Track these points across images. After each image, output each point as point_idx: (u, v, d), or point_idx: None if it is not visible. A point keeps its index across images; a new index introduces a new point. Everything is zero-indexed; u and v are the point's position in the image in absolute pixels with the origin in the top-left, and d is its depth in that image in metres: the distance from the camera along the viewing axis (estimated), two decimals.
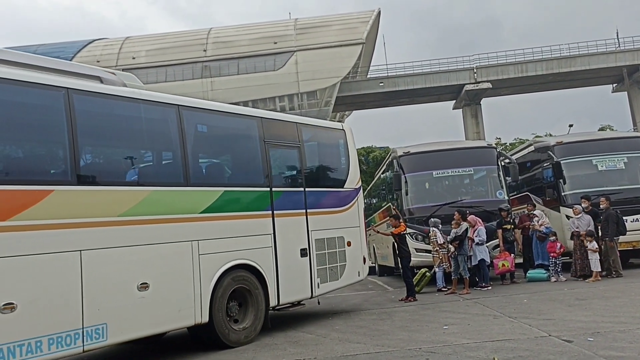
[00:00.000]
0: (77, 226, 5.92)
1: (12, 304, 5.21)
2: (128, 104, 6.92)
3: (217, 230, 7.50)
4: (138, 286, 6.36)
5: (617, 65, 51.98)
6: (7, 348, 5.11)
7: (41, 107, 6.13)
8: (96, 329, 5.88)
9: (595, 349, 5.75)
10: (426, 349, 6.37)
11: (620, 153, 13.82)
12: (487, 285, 11.57)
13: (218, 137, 8.47)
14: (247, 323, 7.82)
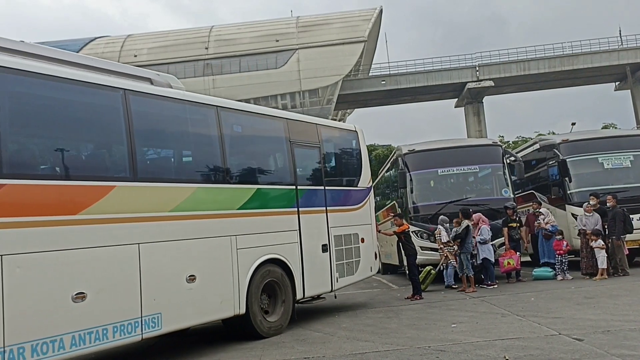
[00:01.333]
0: (136, 220, 6.26)
1: (83, 294, 5.53)
2: (176, 105, 7.28)
3: (251, 226, 7.89)
4: (187, 278, 6.73)
5: (620, 63, 51.99)
6: (78, 335, 5.44)
7: (102, 107, 6.42)
8: (152, 318, 6.22)
9: (607, 347, 5.70)
10: (435, 348, 6.33)
11: (626, 151, 13.74)
12: (493, 284, 11.53)
13: (251, 137, 8.76)
14: (277, 315, 8.24)
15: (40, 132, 5.83)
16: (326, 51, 52.77)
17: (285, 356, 6.56)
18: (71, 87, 5.99)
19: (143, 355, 7.48)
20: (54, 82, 5.84)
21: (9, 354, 4.84)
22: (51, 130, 5.91)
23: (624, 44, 53.31)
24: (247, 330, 7.72)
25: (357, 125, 11.28)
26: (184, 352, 7.28)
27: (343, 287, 9.97)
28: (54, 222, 5.45)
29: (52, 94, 5.93)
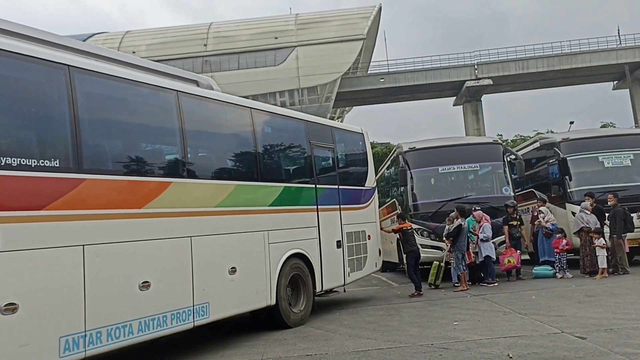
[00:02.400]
0: (188, 215, 6.68)
1: (147, 282, 5.92)
2: (218, 106, 7.76)
3: (280, 222, 8.39)
4: (229, 270, 7.22)
5: (618, 62, 52.06)
6: (143, 321, 5.84)
7: (159, 107, 6.82)
8: (202, 306, 6.66)
9: (610, 345, 5.70)
10: (438, 345, 6.32)
11: (626, 150, 13.76)
12: (493, 282, 11.53)
13: (278, 137, 9.15)
14: (301, 306, 8.74)
15: (111, 131, 6.18)
16: (325, 49, 52.68)
17: (288, 353, 6.55)
18: (137, 88, 6.43)
19: (148, 352, 7.45)
20: (123, 84, 6.22)
21: (89, 338, 5.24)
22: (119, 129, 6.26)
23: (622, 43, 53.38)
24: (276, 321, 8.18)
25: (360, 125, 11.57)
26: (187, 349, 7.26)
27: (353, 281, 10.49)
28: (124, 215, 5.84)
29: (121, 95, 6.31)
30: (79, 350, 5.16)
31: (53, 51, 5.63)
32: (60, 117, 5.42)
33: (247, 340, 7.57)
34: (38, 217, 4.97)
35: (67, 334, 5.05)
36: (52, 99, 5.45)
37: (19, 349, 4.65)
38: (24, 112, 5.21)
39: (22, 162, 4.89)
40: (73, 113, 5.44)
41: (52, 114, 5.42)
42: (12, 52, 5.07)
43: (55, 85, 5.46)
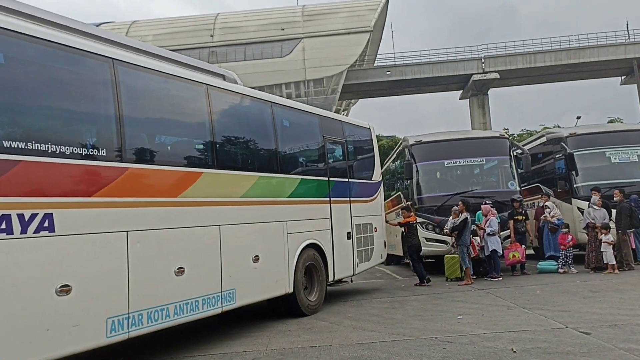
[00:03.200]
0: (217, 204, 6.95)
1: (182, 268, 6.17)
2: (243, 99, 8.04)
3: (297, 213, 8.65)
4: (253, 258, 7.50)
5: (626, 57, 51.59)
6: (179, 305, 6.09)
7: (190, 100, 7.04)
8: (229, 293, 6.93)
9: (615, 341, 5.70)
10: (442, 339, 6.34)
11: (634, 145, 13.70)
12: (498, 276, 11.54)
13: (295, 130, 9.32)
14: (315, 295, 9.06)
15: (149, 122, 6.35)
16: (331, 41, 52.49)
17: (292, 345, 6.58)
18: (172, 82, 6.67)
19: (154, 343, 7.49)
20: (161, 77, 6.47)
21: (132, 320, 5.49)
22: (157, 120, 6.48)
23: (630, 38, 52.94)
24: (293, 308, 8.48)
25: (365, 118, 11.82)
26: (192, 340, 7.31)
27: (361, 272, 10.83)
28: (161, 203, 6.09)
29: (159, 88, 6.54)
30: (124, 331, 5.41)
31: (99, 44, 5.82)
32: (106, 108, 5.64)
33: (251, 331, 7.61)
34: (88, 204, 5.21)
35: (113, 315, 5.31)
36: (99, 90, 5.66)
37: (72, 329, 4.90)
38: (75, 104, 5.40)
39: (75, 151, 5.12)
40: (117, 104, 5.67)
41: (99, 105, 5.64)
42: (69, 46, 5.31)
43: (101, 78, 5.66)
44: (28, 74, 5.02)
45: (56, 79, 5.26)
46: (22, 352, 4.49)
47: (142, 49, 6.78)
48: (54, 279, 4.80)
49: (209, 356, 6.31)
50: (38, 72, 5.11)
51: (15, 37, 4.82)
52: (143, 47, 6.89)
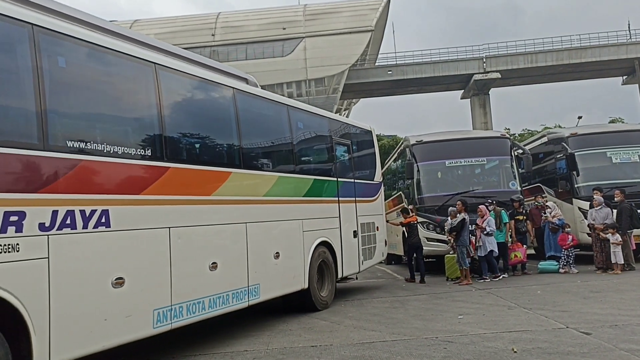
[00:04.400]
0: (243, 202, 7.28)
1: (215, 263, 6.51)
2: (264, 103, 8.37)
3: (311, 212, 8.98)
4: (274, 255, 7.84)
5: (628, 57, 51.61)
6: (212, 299, 6.42)
7: (219, 103, 7.37)
8: (254, 287, 7.27)
9: (615, 341, 5.70)
10: (443, 339, 6.34)
11: (635, 146, 13.69)
12: (498, 276, 11.52)
13: (307, 132, 9.57)
14: (326, 291, 9.38)
15: (186, 123, 6.62)
16: (333, 40, 52.48)
17: (293, 344, 6.60)
18: (206, 86, 7.04)
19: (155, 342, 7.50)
20: (196, 81, 6.84)
21: (173, 312, 5.80)
22: (192, 121, 6.76)
23: (632, 37, 52.88)
24: (307, 304, 8.81)
25: (367, 117, 12.05)
26: (194, 339, 7.32)
27: (365, 269, 11.21)
28: (197, 201, 6.40)
29: (194, 91, 6.92)
30: (167, 322, 5.73)
31: (141, 49, 6.17)
32: (151, 111, 5.95)
33: (252, 330, 7.62)
34: (137, 201, 5.50)
35: (158, 307, 5.62)
36: (145, 93, 5.97)
37: (125, 319, 5.20)
38: (125, 106, 5.74)
39: (125, 151, 5.42)
40: (160, 107, 5.98)
41: (145, 107, 5.95)
42: (120, 51, 5.63)
43: (146, 82, 5.96)
44: (85, 78, 5.31)
45: (109, 83, 5.59)
46: (85, 341, 4.77)
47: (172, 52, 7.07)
48: (110, 272, 5.09)
49: (210, 355, 6.32)
50: (93, 77, 5.42)
51: (74, 42, 5.09)
52: (172, 49, 7.18)
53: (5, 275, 4.14)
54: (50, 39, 4.84)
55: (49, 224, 4.53)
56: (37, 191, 4.49)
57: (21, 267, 4.27)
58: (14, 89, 4.54)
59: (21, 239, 4.28)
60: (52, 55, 4.86)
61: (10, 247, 4.20)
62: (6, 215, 4.18)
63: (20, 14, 4.63)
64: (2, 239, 4.14)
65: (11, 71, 4.56)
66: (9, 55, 4.54)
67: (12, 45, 4.57)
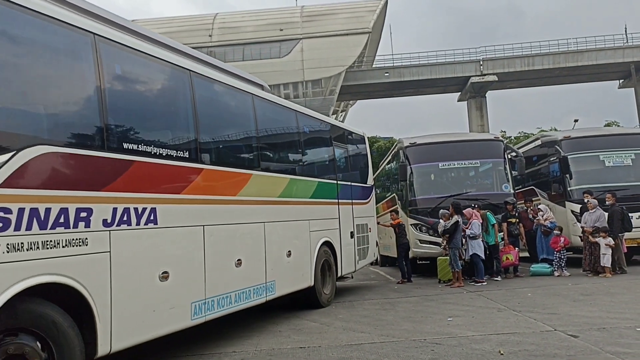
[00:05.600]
0: (262, 203, 7.69)
1: (240, 260, 6.88)
2: (278, 109, 8.82)
3: (316, 213, 9.42)
4: (287, 253, 8.26)
5: (624, 61, 51.75)
6: (237, 294, 6.79)
7: (244, 109, 7.75)
8: (271, 284, 7.67)
9: (602, 344, 5.72)
10: (431, 340, 6.36)
11: (628, 149, 13.74)
12: (482, 281, 11.39)
13: (312, 136, 10.03)
14: (328, 289, 9.81)
15: (215, 126, 6.97)
16: (330, 42, 52.51)
17: (282, 345, 6.60)
18: (232, 92, 7.45)
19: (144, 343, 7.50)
20: (223, 87, 7.24)
21: (207, 305, 6.16)
22: (220, 125, 7.14)
23: (629, 41, 53.07)
24: (311, 300, 9.24)
25: (364, 119, 12.56)
26: (183, 340, 7.31)
27: (360, 268, 11.72)
28: (225, 201, 6.78)
29: (221, 97, 7.30)
30: (202, 315, 6.07)
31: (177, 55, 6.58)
32: (187, 114, 6.32)
33: (242, 331, 7.62)
34: (178, 200, 5.88)
35: (196, 300, 5.98)
36: (182, 98, 6.35)
37: (169, 311, 5.56)
38: (166, 109, 6.15)
39: (169, 153, 5.79)
40: (195, 109, 6.36)
41: (182, 111, 6.32)
42: (164, 59, 6.05)
43: (183, 88, 6.35)
44: (135, 84, 5.72)
45: (153, 89, 6.01)
46: (138, 330, 5.16)
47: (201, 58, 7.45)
48: (157, 266, 5.44)
49: (199, 356, 6.32)
50: (141, 83, 5.84)
51: (127, 51, 5.47)
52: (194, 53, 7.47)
53: (77, 267, 4.49)
54: (109, 48, 5.19)
55: (110, 220, 4.89)
56: (100, 189, 4.83)
57: (89, 260, 4.63)
58: (83, 94, 4.92)
59: (89, 234, 4.64)
60: (110, 62, 5.20)
61: (81, 242, 4.55)
62: (77, 211, 4.54)
63: (85, 23, 5.00)
64: (74, 233, 4.49)
65: (79, 77, 4.91)
66: (76, 62, 4.92)
67: (78, 53, 4.93)
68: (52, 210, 4.31)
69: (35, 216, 4.16)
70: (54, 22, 4.61)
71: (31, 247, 4.11)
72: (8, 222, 3.95)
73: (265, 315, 8.63)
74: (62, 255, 4.36)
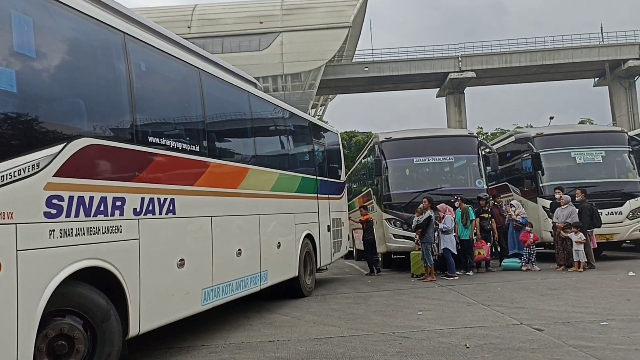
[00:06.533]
0: (257, 196, 8.07)
1: (240, 250, 7.30)
2: (269, 106, 9.22)
3: (300, 207, 9.85)
4: (277, 244, 8.67)
5: (600, 59, 52.50)
6: (237, 282, 7.19)
7: (242, 106, 8.17)
8: (264, 273, 8.08)
9: (565, 338, 5.83)
10: (400, 334, 6.41)
11: (598, 146, 13.98)
12: (453, 275, 11.50)
13: (296, 132, 10.45)
14: (310, 279, 10.30)
15: (219, 122, 7.34)
16: (310, 35, 52.31)
17: (251, 339, 6.60)
18: (231, 89, 7.79)
19: None
20: (226, 86, 7.63)
21: (214, 292, 6.54)
22: (223, 121, 7.55)
23: (604, 40, 53.88)
24: (296, 290, 9.66)
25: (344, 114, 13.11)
26: (150, 334, 7.25)
27: (334, 261, 12.33)
28: (227, 194, 7.16)
29: (225, 96, 7.69)
30: (210, 301, 6.46)
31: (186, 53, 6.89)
32: (197, 108, 6.70)
33: (211, 325, 7.58)
34: (192, 192, 6.24)
35: (205, 286, 6.36)
36: (194, 95, 6.74)
37: (184, 296, 5.94)
38: (182, 105, 6.54)
39: (184, 147, 6.13)
40: (204, 105, 6.77)
41: (194, 106, 6.68)
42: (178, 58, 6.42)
43: (193, 85, 6.71)
44: (156, 81, 6.10)
45: (169, 86, 6.41)
46: (161, 313, 5.53)
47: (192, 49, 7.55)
48: (175, 254, 5.82)
49: (166, 350, 6.28)
50: (161, 80, 6.22)
51: (150, 49, 5.83)
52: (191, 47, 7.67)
53: (114, 253, 4.83)
54: (135, 46, 5.52)
55: (139, 209, 5.23)
56: (131, 180, 5.17)
57: (123, 246, 4.98)
58: (116, 89, 5.24)
59: (123, 222, 4.98)
60: (137, 60, 5.54)
61: (116, 229, 4.90)
62: (114, 200, 4.88)
63: (116, 23, 5.33)
64: (111, 221, 4.84)
65: (112, 74, 5.23)
66: (110, 60, 5.25)
67: (112, 51, 5.26)
68: (95, 198, 4.65)
69: (81, 204, 4.50)
70: (95, 23, 5.00)
71: (79, 233, 4.45)
72: (61, 209, 4.28)
73: (237, 309, 8.61)
74: (102, 241, 4.71)
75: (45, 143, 4.20)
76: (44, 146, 4.17)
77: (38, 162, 4.08)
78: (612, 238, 13.31)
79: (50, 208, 4.18)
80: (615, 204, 13.27)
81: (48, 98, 4.43)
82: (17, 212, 3.88)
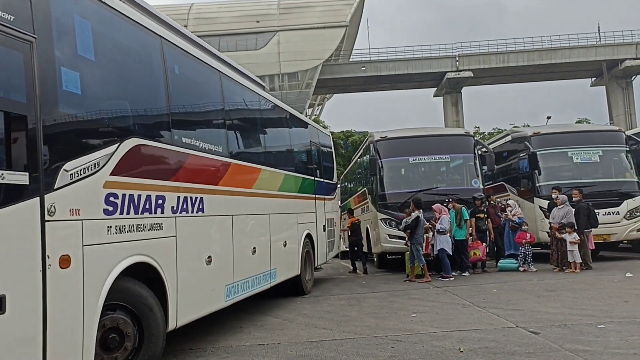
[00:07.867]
0: (268, 196, 8.33)
1: (255, 248, 7.54)
2: (276, 108, 9.52)
3: (302, 207, 10.14)
4: (283, 243, 8.93)
5: (597, 59, 52.41)
6: (252, 279, 7.42)
7: (256, 107, 8.50)
8: (274, 271, 8.36)
9: (562, 341, 5.69)
10: (392, 337, 6.27)
11: (596, 146, 13.84)
12: (449, 276, 11.36)
13: (298, 134, 10.73)
14: (309, 277, 10.59)
15: (237, 125, 7.66)
16: (307, 34, 52.12)
17: (240, 342, 6.45)
18: (244, 92, 8.02)
19: None
20: (242, 89, 7.88)
21: (234, 288, 6.76)
22: (240, 123, 7.86)
23: (601, 40, 53.83)
24: (298, 288, 9.90)
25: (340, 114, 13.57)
26: None
27: (328, 260, 12.62)
28: (244, 193, 7.37)
29: (241, 98, 7.92)
30: (231, 297, 6.68)
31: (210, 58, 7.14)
32: (219, 111, 7.02)
33: (201, 327, 7.40)
34: (217, 191, 6.48)
35: (228, 283, 6.59)
36: (218, 97, 6.99)
37: (211, 292, 6.18)
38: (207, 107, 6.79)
39: (211, 148, 6.36)
40: (224, 108, 7.08)
41: (217, 108, 6.98)
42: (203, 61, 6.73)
43: (215, 90, 6.93)
44: (187, 84, 6.30)
45: (197, 89, 6.59)
46: (194, 308, 5.72)
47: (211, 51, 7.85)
48: (205, 251, 6.05)
49: None
50: (190, 83, 6.42)
51: (181, 53, 6.08)
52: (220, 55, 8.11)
53: (157, 249, 5.04)
54: (170, 50, 5.77)
55: (176, 207, 5.46)
56: (169, 179, 5.38)
57: (163, 242, 5.19)
58: (156, 91, 5.46)
59: (163, 219, 5.20)
60: (171, 63, 5.76)
61: (158, 226, 5.11)
62: (157, 198, 5.09)
63: (155, 27, 5.58)
64: (155, 218, 5.05)
65: (151, 76, 5.48)
66: (150, 64, 5.49)
67: (151, 55, 5.48)
68: (142, 197, 4.86)
69: (132, 202, 4.70)
70: (138, 27, 5.23)
71: (130, 230, 4.66)
72: (116, 206, 4.49)
73: (228, 310, 8.42)
74: (147, 238, 4.93)
75: (103, 143, 4.40)
76: (102, 146, 4.38)
77: (98, 161, 4.28)
78: (609, 238, 13.18)
79: (108, 205, 4.40)
80: (613, 204, 13.13)
81: (104, 99, 4.65)
82: (83, 208, 4.09)
